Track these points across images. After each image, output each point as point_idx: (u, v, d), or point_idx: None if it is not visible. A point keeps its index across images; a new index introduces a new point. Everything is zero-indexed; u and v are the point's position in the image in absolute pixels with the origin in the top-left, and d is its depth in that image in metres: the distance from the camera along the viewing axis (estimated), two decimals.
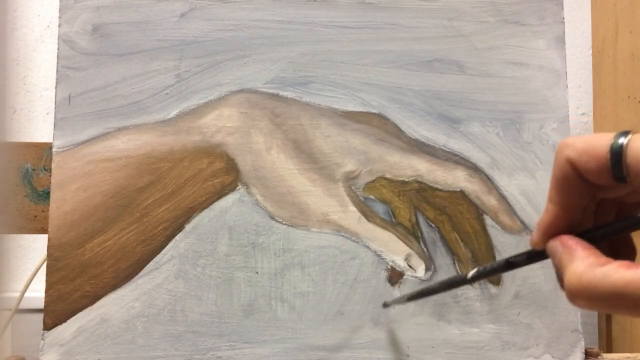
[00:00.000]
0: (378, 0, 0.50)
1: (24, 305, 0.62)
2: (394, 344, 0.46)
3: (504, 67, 0.50)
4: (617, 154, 0.24)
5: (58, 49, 0.48)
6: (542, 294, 0.48)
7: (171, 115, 0.47)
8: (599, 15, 0.69)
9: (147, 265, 0.46)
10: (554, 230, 0.27)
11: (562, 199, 0.27)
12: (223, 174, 0.47)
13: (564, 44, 0.51)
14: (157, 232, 0.46)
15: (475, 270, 0.33)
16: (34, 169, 0.51)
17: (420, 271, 0.47)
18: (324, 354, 0.46)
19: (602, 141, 0.25)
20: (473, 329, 0.47)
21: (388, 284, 0.47)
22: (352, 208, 0.47)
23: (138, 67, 0.48)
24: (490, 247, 0.48)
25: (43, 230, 0.49)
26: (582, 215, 0.27)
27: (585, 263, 0.24)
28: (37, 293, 0.55)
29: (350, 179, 0.48)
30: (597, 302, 0.24)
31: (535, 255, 0.29)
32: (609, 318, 0.64)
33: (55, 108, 0.47)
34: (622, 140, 0.24)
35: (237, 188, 0.47)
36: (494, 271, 0.32)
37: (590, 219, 0.28)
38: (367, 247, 0.47)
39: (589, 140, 0.25)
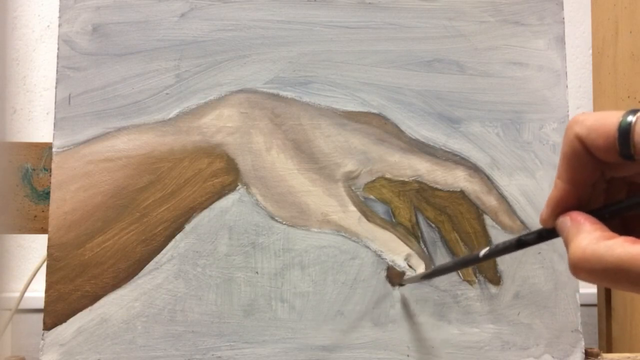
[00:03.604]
0: (378, 0, 0.50)
1: (24, 305, 0.63)
2: (394, 344, 0.46)
3: (504, 67, 0.50)
4: (625, 131, 0.24)
5: (58, 49, 0.48)
6: (542, 294, 0.48)
7: (171, 115, 0.47)
8: (599, 15, 0.69)
9: (147, 265, 0.46)
10: (562, 206, 0.27)
11: (570, 176, 0.27)
12: (223, 174, 0.47)
13: (564, 44, 0.51)
14: (157, 232, 0.46)
15: (487, 249, 0.33)
16: (34, 169, 0.51)
17: (420, 271, 0.47)
18: (324, 354, 0.46)
19: (611, 119, 0.25)
20: (473, 329, 0.47)
21: (388, 284, 0.47)
22: (352, 208, 0.47)
23: (138, 67, 0.48)
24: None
25: (43, 230, 0.49)
26: (591, 193, 0.27)
27: (590, 236, 0.24)
28: (37, 293, 0.55)
29: (350, 179, 0.48)
30: (599, 275, 0.24)
31: (545, 234, 0.29)
32: (609, 318, 0.64)
33: (55, 108, 0.47)
34: (631, 118, 0.24)
35: (237, 188, 0.47)
36: (505, 250, 0.32)
37: (601, 198, 0.28)
38: (367, 247, 0.47)
39: (598, 117, 0.25)
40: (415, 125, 0.49)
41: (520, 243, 0.31)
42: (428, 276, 0.44)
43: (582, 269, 0.24)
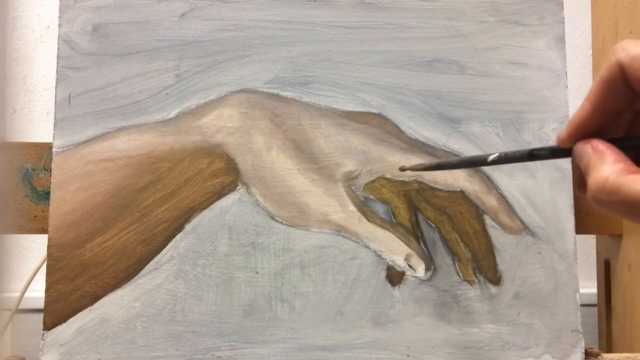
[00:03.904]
0: (378, 0, 0.50)
1: (24, 305, 0.62)
2: (394, 344, 0.46)
3: (504, 67, 0.50)
4: None
5: (58, 49, 0.48)
6: (542, 294, 0.48)
7: (171, 115, 0.47)
8: (599, 15, 0.69)
9: (147, 265, 0.46)
10: (584, 129, 0.27)
11: (600, 100, 0.27)
12: (223, 174, 0.47)
13: (564, 44, 0.51)
14: (157, 232, 0.46)
15: (496, 154, 0.33)
16: (34, 169, 0.51)
17: (420, 271, 0.47)
18: (324, 354, 0.46)
19: None
20: (473, 329, 0.47)
21: (388, 284, 0.47)
22: (352, 208, 0.47)
23: (138, 67, 0.48)
24: (490, 247, 0.48)
25: (43, 230, 0.49)
26: (615, 122, 0.27)
27: (614, 167, 0.25)
28: (37, 293, 0.55)
29: (350, 179, 0.48)
30: (617, 206, 0.24)
31: (559, 152, 0.29)
32: (609, 318, 0.64)
33: (55, 108, 0.47)
34: None
35: (237, 188, 0.47)
36: (515, 159, 0.32)
37: (623, 128, 0.28)
38: (367, 247, 0.47)
39: None
40: (415, 125, 0.49)
41: (532, 155, 0.31)
42: (431, 168, 0.44)
43: (602, 199, 0.25)
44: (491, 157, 0.34)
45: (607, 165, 0.25)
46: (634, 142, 0.26)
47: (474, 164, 0.42)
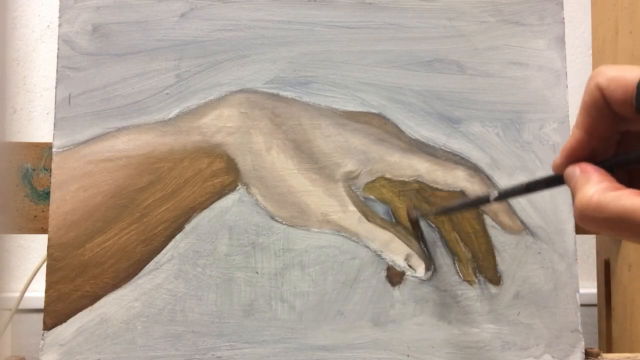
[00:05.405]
0: (378, 0, 0.50)
1: (24, 305, 0.63)
2: (394, 344, 0.46)
3: (504, 67, 0.50)
4: None
5: (58, 49, 0.48)
6: (542, 294, 0.48)
7: (171, 115, 0.47)
8: (599, 15, 0.69)
9: (147, 265, 0.46)
10: (576, 155, 0.28)
11: (587, 125, 0.28)
12: (223, 174, 0.47)
13: (564, 44, 0.51)
14: (157, 232, 0.46)
15: (496, 192, 0.36)
16: (34, 169, 0.51)
17: (420, 271, 0.47)
18: (324, 354, 0.46)
19: (633, 73, 0.25)
20: (473, 329, 0.47)
21: (388, 284, 0.47)
22: (352, 208, 0.47)
23: (138, 67, 0.48)
24: (490, 247, 0.48)
25: (43, 230, 0.49)
26: (605, 145, 0.28)
27: (598, 186, 0.26)
28: (37, 293, 0.55)
29: (350, 179, 0.48)
30: (603, 223, 0.25)
31: (553, 180, 0.31)
32: (609, 318, 0.64)
33: (55, 108, 0.47)
34: None
35: (237, 188, 0.47)
36: (514, 193, 0.35)
37: (612, 149, 0.29)
38: (367, 247, 0.47)
39: (621, 70, 0.26)
40: (415, 125, 0.49)
41: (529, 188, 0.32)
42: (440, 212, 0.47)
43: (587, 216, 0.25)
44: (492, 197, 0.36)
45: (591, 185, 0.26)
46: (619, 160, 0.27)
47: (478, 203, 0.44)
